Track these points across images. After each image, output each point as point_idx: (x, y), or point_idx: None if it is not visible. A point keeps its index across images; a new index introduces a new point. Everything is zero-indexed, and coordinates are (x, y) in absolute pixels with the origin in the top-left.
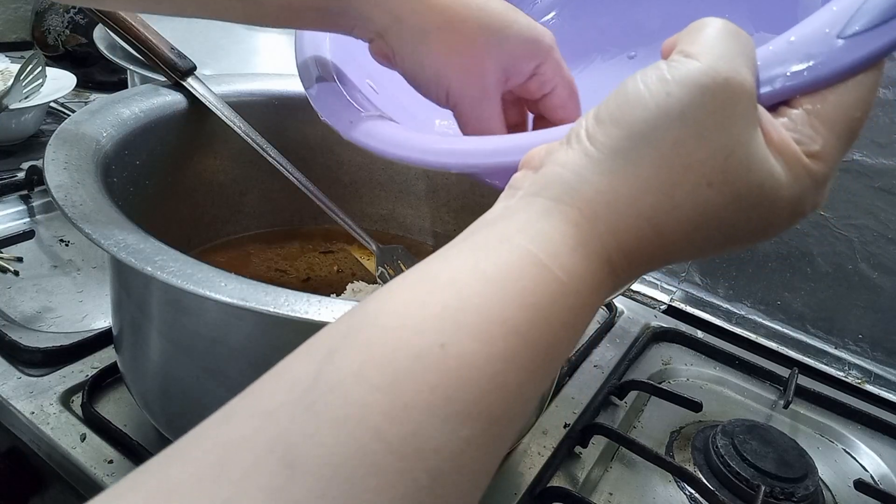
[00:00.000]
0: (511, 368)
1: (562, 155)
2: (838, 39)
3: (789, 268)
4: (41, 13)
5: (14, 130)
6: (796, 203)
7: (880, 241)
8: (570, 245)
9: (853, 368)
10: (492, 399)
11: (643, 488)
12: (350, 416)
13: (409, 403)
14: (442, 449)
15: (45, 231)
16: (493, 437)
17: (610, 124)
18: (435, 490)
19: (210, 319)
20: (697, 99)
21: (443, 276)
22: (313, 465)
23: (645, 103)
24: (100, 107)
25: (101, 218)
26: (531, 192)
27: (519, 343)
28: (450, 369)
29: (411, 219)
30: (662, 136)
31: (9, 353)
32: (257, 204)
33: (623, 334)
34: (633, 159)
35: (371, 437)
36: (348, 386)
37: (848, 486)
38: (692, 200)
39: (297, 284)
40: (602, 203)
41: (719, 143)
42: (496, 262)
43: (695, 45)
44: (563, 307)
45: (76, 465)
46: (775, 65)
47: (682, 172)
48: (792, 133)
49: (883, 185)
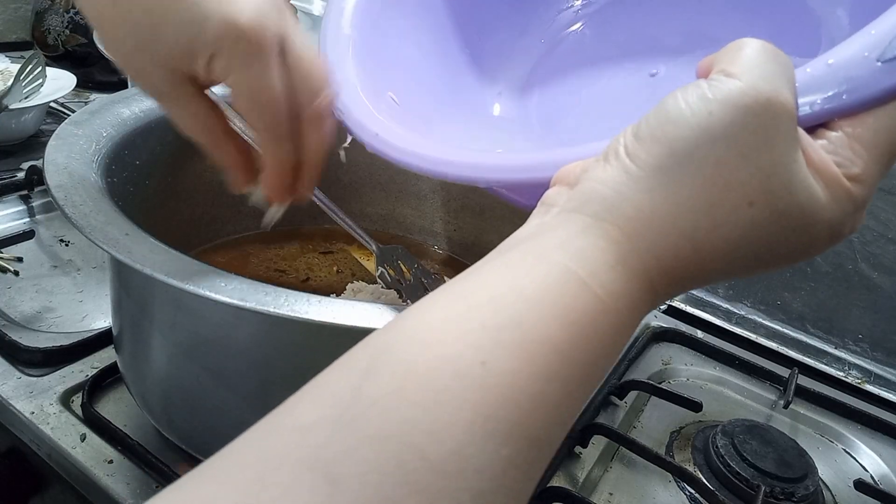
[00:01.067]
0: (552, 388)
1: (600, 171)
2: (878, 63)
3: (789, 268)
4: (41, 13)
5: (14, 130)
6: (836, 225)
7: (880, 241)
8: (609, 263)
9: (853, 368)
10: (533, 418)
11: (643, 488)
12: (391, 434)
13: (450, 422)
14: (484, 469)
15: (45, 231)
16: (533, 457)
17: (651, 142)
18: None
19: (210, 319)
20: (739, 119)
21: (480, 293)
22: (354, 483)
23: (687, 122)
24: (100, 107)
25: (101, 218)
26: (568, 209)
27: (559, 362)
28: (491, 388)
29: (411, 219)
30: (704, 156)
31: (9, 353)
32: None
33: None
34: (674, 178)
35: (412, 456)
36: (389, 403)
37: (848, 486)
38: (733, 220)
39: (296, 285)
40: (642, 221)
41: (761, 163)
42: (535, 279)
43: (735, 65)
44: (603, 326)
45: (76, 465)
46: (814, 87)
47: (724, 192)
48: (832, 156)
49: (883, 185)
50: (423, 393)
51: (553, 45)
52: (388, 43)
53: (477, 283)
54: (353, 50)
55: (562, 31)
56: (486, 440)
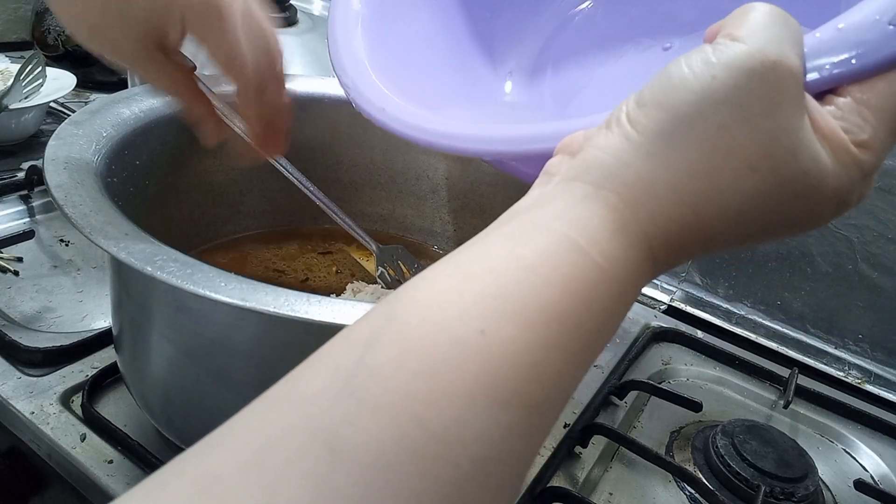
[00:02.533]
0: (552, 355)
1: (602, 139)
2: (889, 26)
3: (789, 268)
4: (41, 13)
5: (14, 130)
6: (843, 193)
7: (880, 241)
8: (609, 231)
9: (853, 368)
10: (533, 386)
11: (643, 488)
12: (392, 404)
13: (449, 391)
14: (483, 436)
15: (45, 231)
16: (534, 424)
17: (653, 107)
18: (477, 477)
19: (210, 319)
20: (744, 82)
21: (480, 263)
22: (356, 452)
23: (690, 86)
24: (100, 107)
25: (100, 218)
26: (569, 178)
27: (560, 330)
28: (490, 356)
29: (411, 219)
30: (707, 120)
31: (9, 353)
32: (257, 204)
33: (623, 334)
34: (675, 143)
35: (413, 425)
36: (389, 373)
37: (848, 486)
38: (735, 186)
39: (295, 285)
40: (643, 188)
41: (765, 128)
42: (535, 248)
43: (741, 29)
44: (604, 294)
45: (76, 465)
46: (824, 52)
47: (726, 157)
48: (839, 122)
49: (883, 185)
50: (423, 363)
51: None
52: (397, 20)
53: (477, 253)
54: (362, 26)
55: (572, 9)
56: (486, 408)
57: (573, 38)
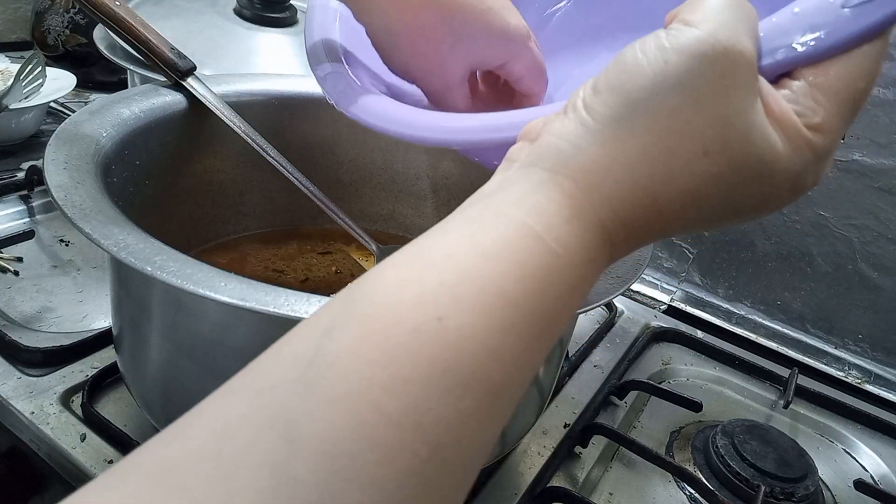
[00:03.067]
0: (509, 340)
1: (558, 125)
2: (843, 9)
3: (789, 268)
4: (41, 13)
5: (14, 130)
6: (796, 176)
7: (880, 241)
8: (565, 217)
9: (853, 368)
10: (491, 371)
11: (643, 488)
12: (349, 392)
13: (407, 377)
14: (441, 421)
15: (45, 231)
16: (493, 409)
17: (607, 93)
18: (435, 462)
19: (210, 319)
20: (696, 67)
21: (439, 251)
22: (314, 441)
23: (643, 71)
24: (100, 107)
25: (101, 218)
26: (527, 164)
27: (517, 315)
28: (448, 342)
29: (411, 219)
30: (660, 104)
31: (9, 353)
32: (257, 204)
33: (623, 334)
34: (629, 128)
35: (370, 412)
36: (346, 362)
37: (848, 486)
38: (689, 170)
39: (295, 285)
40: (598, 172)
41: (717, 111)
42: (492, 235)
43: (695, 14)
44: (560, 279)
45: (76, 465)
46: (778, 35)
47: (679, 141)
48: (793, 105)
49: (883, 185)
50: (381, 351)
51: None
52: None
53: (436, 240)
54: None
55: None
56: (444, 393)
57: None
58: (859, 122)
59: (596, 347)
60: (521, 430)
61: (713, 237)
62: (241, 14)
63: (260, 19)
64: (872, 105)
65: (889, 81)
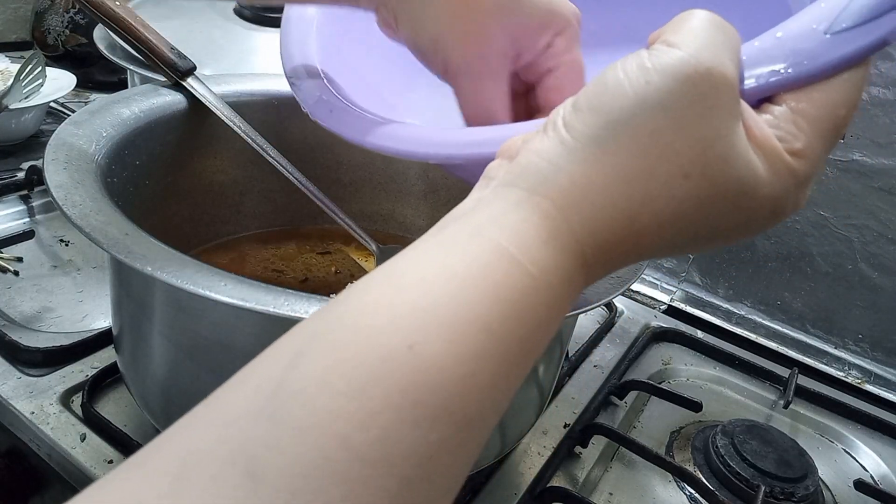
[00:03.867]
0: (483, 367)
1: (538, 143)
2: (826, 35)
3: (789, 268)
4: (41, 13)
5: (14, 130)
6: (776, 200)
7: (880, 241)
8: (542, 238)
9: (853, 368)
10: (464, 400)
11: (643, 488)
12: (314, 425)
13: (375, 409)
14: (411, 455)
15: (45, 231)
16: (466, 439)
17: (587, 112)
18: (404, 496)
19: (210, 319)
20: (678, 88)
21: (412, 274)
22: (276, 476)
23: (624, 91)
24: (100, 107)
25: (101, 218)
26: (504, 182)
27: (490, 340)
28: (418, 371)
29: (411, 219)
30: (640, 125)
31: (9, 353)
32: (257, 204)
33: (623, 334)
34: (608, 148)
35: (336, 446)
36: (312, 392)
37: (848, 486)
38: (668, 192)
39: (294, 285)
40: (576, 192)
41: (698, 134)
42: (466, 257)
43: (678, 35)
44: (535, 302)
45: (76, 465)
46: (761, 60)
47: (659, 163)
48: (774, 130)
49: (883, 185)
50: (349, 381)
51: None
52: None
53: (409, 263)
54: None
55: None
56: (414, 426)
57: None
58: (859, 123)
59: (596, 347)
60: (521, 430)
61: None
62: (241, 14)
63: (260, 19)
64: (872, 105)
65: (889, 81)
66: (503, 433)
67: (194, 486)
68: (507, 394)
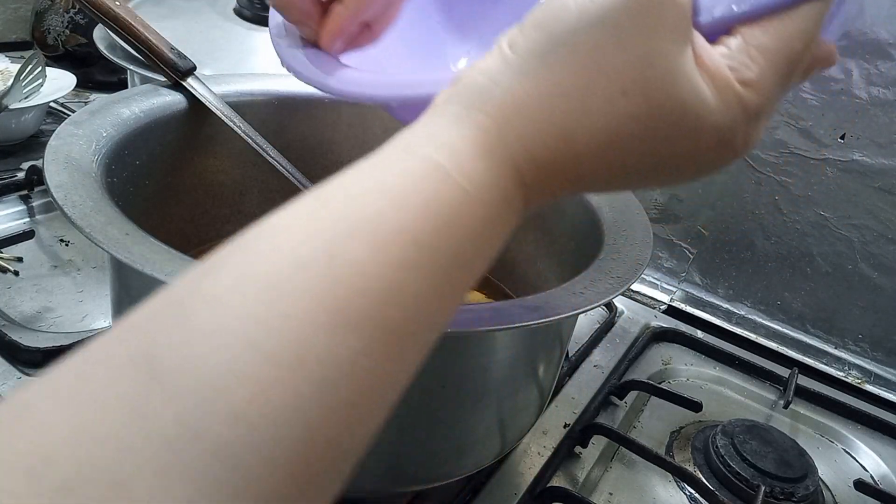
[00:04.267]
0: (410, 277)
1: (481, 63)
2: None
3: (789, 268)
4: (41, 13)
5: (14, 130)
6: (724, 131)
7: (880, 241)
8: (476, 153)
9: (853, 368)
10: (388, 308)
11: (643, 488)
12: (222, 326)
13: (288, 313)
14: (327, 359)
15: (45, 231)
16: (393, 352)
17: (531, 29)
18: (322, 400)
19: None
20: (620, 3)
21: (340, 190)
22: (176, 375)
23: (567, 7)
24: (100, 107)
25: (101, 218)
26: (444, 100)
27: (419, 253)
28: (338, 278)
29: None
30: (581, 40)
31: (9, 353)
32: (257, 204)
33: (623, 334)
34: (548, 62)
35: (243, 348)
36: (222, 298)
37: (848, 486)
38: (605, 109)
39: None
40: (512, 106)
41: (639, 51)
42: (398, 173)
43: None
44: (468, 217)
45: None
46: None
47: (598, 78)
48: (727, 60)
49: (883, 185)
50: (263, 287)
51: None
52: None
53: (340, 181)
54: None
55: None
56: (332, 331)
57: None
58: (859, 122)
59: (596, 347)
60: (520, 430)
61: (713, 237)
62: (241, 14)
63: (260, 19)
64: (872, 105)
65: (889, 81)
66: (503, 433)
67: (92, 386)
68: (439, 308)
